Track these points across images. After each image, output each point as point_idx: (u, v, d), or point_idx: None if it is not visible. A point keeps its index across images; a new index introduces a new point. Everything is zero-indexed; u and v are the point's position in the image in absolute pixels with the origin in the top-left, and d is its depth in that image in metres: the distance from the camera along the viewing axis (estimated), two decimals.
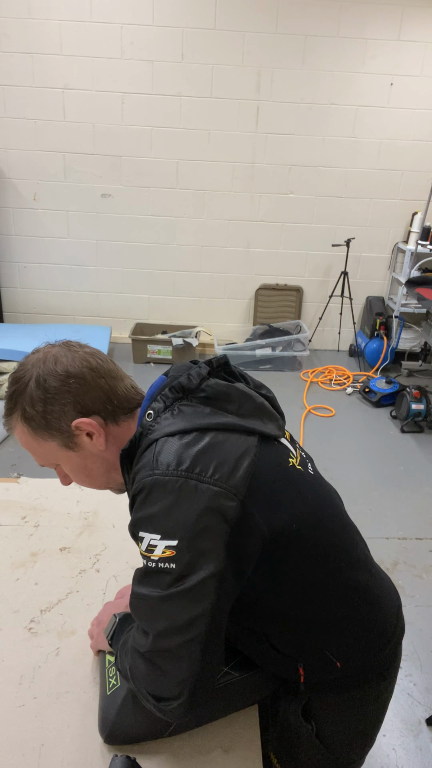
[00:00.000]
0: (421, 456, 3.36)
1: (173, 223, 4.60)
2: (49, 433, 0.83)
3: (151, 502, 0.74)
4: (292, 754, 0.97)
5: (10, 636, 1.08)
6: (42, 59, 4.12)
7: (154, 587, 0.74)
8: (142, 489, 0.75)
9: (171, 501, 0.73)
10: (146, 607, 0.76)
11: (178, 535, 0.72)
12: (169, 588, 0.73)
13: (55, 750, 0.89)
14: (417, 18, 4.04)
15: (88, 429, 0.83)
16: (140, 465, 0.78)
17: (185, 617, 0.73)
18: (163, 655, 0.75)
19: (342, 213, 4.59)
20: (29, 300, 4.86)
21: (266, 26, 4.05)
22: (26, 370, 0.83)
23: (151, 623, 0.75)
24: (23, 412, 0.83)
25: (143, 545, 0.75)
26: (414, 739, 1.72)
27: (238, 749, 0.90)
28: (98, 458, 0.87)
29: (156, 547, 0.73)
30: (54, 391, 0.81)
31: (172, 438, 0.77)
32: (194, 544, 0.72)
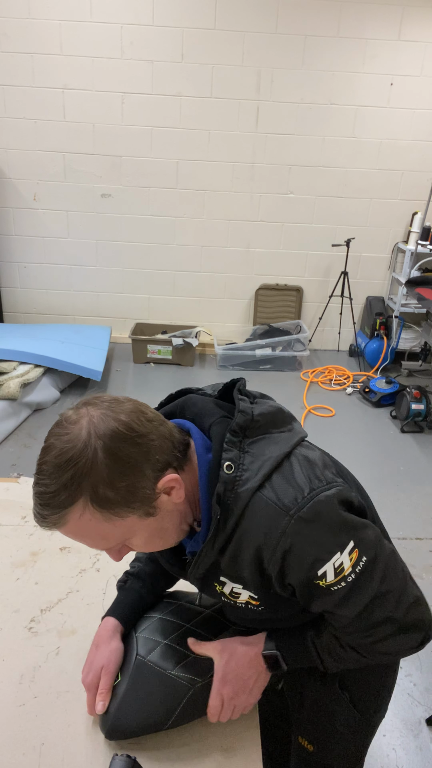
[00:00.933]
0: (421, 456, 3.36)
1: (173, 223, 4.60)
2: (130, 508, 0.71)
3: (309, 540, 0.73)
4: (327, 729, 1.01)
5: (10, 635, 1.08)
6: (42, 59, 4.12)
7: (371, 583, 0.77)
8: (291, 542, 0.73)
9: (322, 523, 0.73)
10: (379, 601, 0.78)
11: (348, 538, 0.75)
12: (377, 574, 0.78)
13: (55, 749, 0.89)
14: (417, 18, 4.04)
15: (173, 485, 0.74)
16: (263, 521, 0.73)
17: (400, 575, 0.81)
18: (412, 610, 0.81)
19: (342, 213, 4.59)
20: (29, 300, 4.86)
21: (266, 26, 4.05)
22: (81, 443, 0.67)
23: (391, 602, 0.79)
24: (95, 494, 0.68)
25: (330, 576, 0.75)
26: (414, 739, 1.72)
27: (238, 749, 0.90)
28: (174, 514, 0.78)
29: (343, 563, 0.75)
30: (133, 457, 0.69)
31: (271, 479, 0.75)
32: (356, 531, 0.76)
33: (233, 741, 0.91)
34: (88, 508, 0.69)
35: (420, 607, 0.82)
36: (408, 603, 0.81)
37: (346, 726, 1.00)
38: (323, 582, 0.75)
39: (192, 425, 0.82)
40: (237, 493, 0.74)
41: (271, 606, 0.85)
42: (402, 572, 0.82)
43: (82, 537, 0.72)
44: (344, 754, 1.04)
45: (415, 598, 0.82)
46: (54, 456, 0.68)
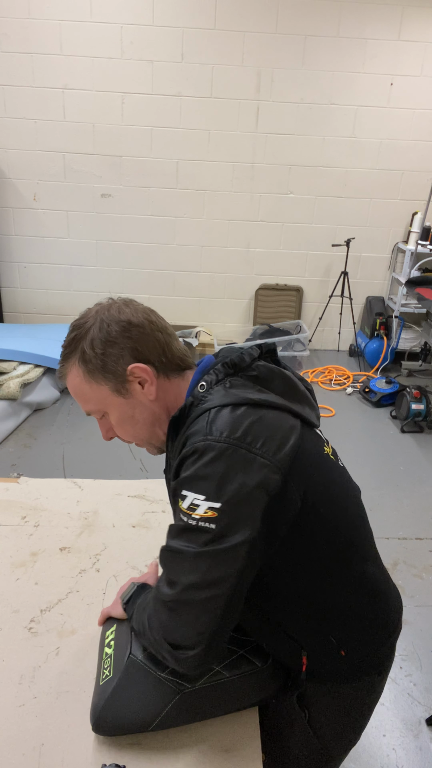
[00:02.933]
0: (421, 456, 3.36)
1: (173, 223, 4.60)
2: (103, 375, 0.86)
3: (201, 465, 0.77)
4: (281, 744, 0.99)
5: (10, 636, 1.08)
6: (42, 59, 4.12)
7: (191, 543, 0.78)
8: (194, 452, 0.78)
9: (220, 466, 0.76)
10: (179, 560, 0.79)
11: (222, 499, 0.76)
12: (206, 546, 0.77)
13: (55, 750, 0.89)
14: (417, 18, 4.04)
15: (142, 375, 0.86)
16: (193, 430, 0.81)
17: (215, 575, 0.77)
18: (187, 606, 0.78)
19: (342, 213, 4.59)
20: (29, 300, 4.86)
21: (266, 26, 4.05)
22: (89, 317, 0.88)
23: (181, 575, 0.78)
24: (82, 354, 0.86)
25: (185, 503, 0.78)
26: (414, 739, 1.72)
27: (238, 749, 0.90)
28: (146, 409, 0.90)
29: (198, 507, 0.77)
30: (115, 335, 0.86)
31: (225, 408, 0.80)
32: (236, 510, 0.76)
33: (233, 741, 0.91)
34: (76, 363, 0.87)
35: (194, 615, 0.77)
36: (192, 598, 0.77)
37: (299, 746, 0.97)
38: (181, 503, 0.79)
39: (208, 358, 0.93)
40: (198, 408, 0.83)
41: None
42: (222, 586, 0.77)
43: (74, 392, 0.90)
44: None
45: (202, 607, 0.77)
46: (74, 322, 0.90)
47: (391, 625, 0.96)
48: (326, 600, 0.89)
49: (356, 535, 0.91)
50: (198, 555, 0.77)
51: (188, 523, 0.77)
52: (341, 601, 0.89)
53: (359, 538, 0.92)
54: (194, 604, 0.77)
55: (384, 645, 0.95)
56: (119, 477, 2.42)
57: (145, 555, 1.30)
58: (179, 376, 0.91)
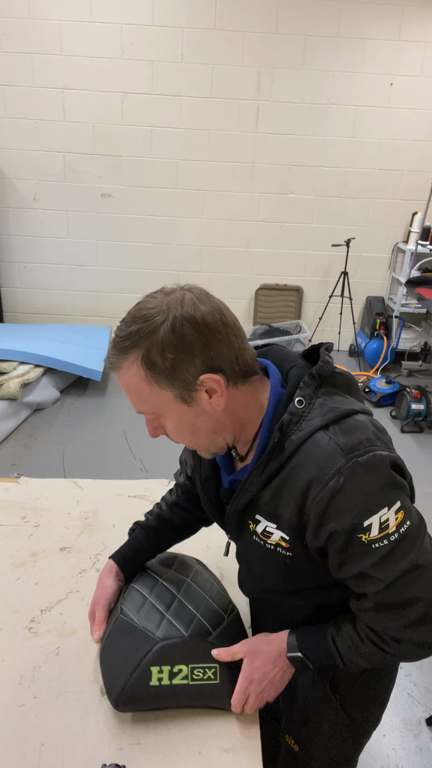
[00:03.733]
0: (421, 456, 3.36)
1: (173, 223, 4.60)
2: (169, 382, 0.77)
3: (362, 486, 0.74)
4: (314, 731, 1.01)
5: (10, 636, 1.08)
6: (42, 59, 4.12)
7: (407, 554, 0.76)
8: (344, 482, 0.73)
9: (377, 474, 0.75)
10: (412, 575, 0.76)
11: (397, 497, 0.75)
12: (418, 540, 0.77)
13: (55, 750, 0.89)
14: (417, 18, 4.04)
15: (213, 386, 0.78)
16: (321, 457, 0.75)
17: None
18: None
19: (342, 213, 4.59)
20: (29, 300, 4.86)
21: (266, 26, 4.05)
22: (160, 309, 0.76)
23: (423, 580, 0.77)
24: (147, 354, 0.76)
25: (375, 530, 0.74)
26: (414, 739, 1.72)
27: (238, 749, 0.90)
28: (210, 418, 0.81)
29: (389, 520, 0.74)
30: (189, 339, 0.75)
31: (341, 422, 0.78)
32: (405, 497, 0.77)
33: (233, 741, 0.91)
34: (137, 362, 0.77)
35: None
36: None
37: (333, 729, 0.99)
38: (366, 536, 0.74)
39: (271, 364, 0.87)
40: (301, 427, 0.78)
41: (297, 556, 0.83)
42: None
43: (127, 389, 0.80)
44: (329, 759, 1.03)
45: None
46: (136, 310, 0.79)
47: None
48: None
49: None
50: (421, 553, 0.77)
51: (392, 540, 0.75)
52: None
53: None
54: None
55: None
56: (119, 477, 2.42)
57: None
58: (246, 383, 0.83)
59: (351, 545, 0.75)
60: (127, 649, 0.96)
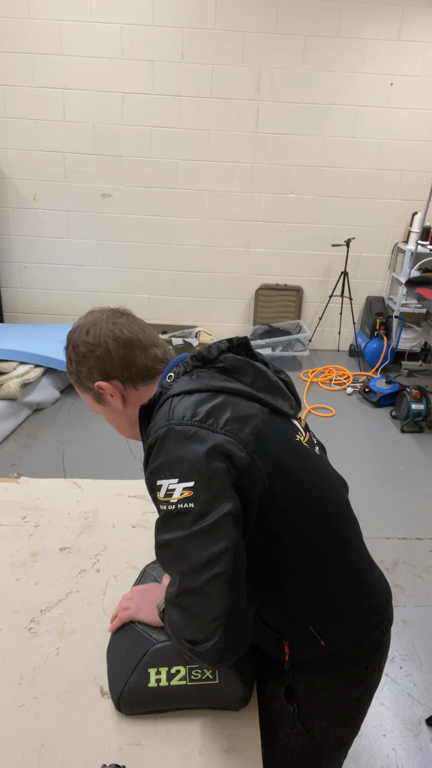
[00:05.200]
0: (421, 456, 3.36)
1: (173, 223, 4.60)
2: (82, 388, 0.99)
3: (166, 450, 0.80)
4: (274, 739, 0.99)
5: (10, 636, 1.08)
6: (42, 59, 4.12)
7: (177, 529, 0.79)
8: (156, 439, 0.81)
9: (185, 447, 0.79)
10: (171, 551, 0.80)
11: (194, 477, 0.78)
12: (191, 527, 0.77)
13: (55, 750, 0.89)
14: (417, 18, 4.04)
15: (107, 390, 0.95)
16: (156, 419, 0.86)
17: (207, 554, 0.77)
18: (192, 595, 0.78)
19: (342, 213, 4.59)
20: (29, 300, 4.86)
21: (266, 26, 4.05)
22: (71, 333, 0.98)
23: (177, 565, 0.79)
24: (68, 366, 0.99)
25: (161, 492, 0.80)
26: (414, 739, 1.72)
27: (238, 749, 0.90)
28: (122, 414, 0.99)
29: (174, 491, 0.78)
30: (82, 356, 0.95)
31: (187, 395, 0.85)
32: (210, 484, 0.78)
33: (233, 741, 0.91)
34: (67, 372, 1.01)
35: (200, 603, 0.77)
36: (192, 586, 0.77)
37: (289, 739, 0.98)
38: (158, 494, 0.81)
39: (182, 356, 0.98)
40: (164, 396, 0.88)
41: None
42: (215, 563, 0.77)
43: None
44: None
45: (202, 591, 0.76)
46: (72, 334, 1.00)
47: (375, 617, 0.95)
48: (304, 586, 0.89)
49: (333, 521, 0.91)
50: (187, 538, 0.77)
51: (168, 509, 0.79)
52: (319, 588, 0.90)
53: (337, 525, 0.92)
54: (197, 590, 0.77)
55: (368, 637, 0.94)
56: (119, 477, 2.42)
57: (145, 555, 1.30)
58: (148, 383, 0.96)
59: (153, 496, 0.83)
60: (126, 651, 0.97)
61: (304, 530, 0.87)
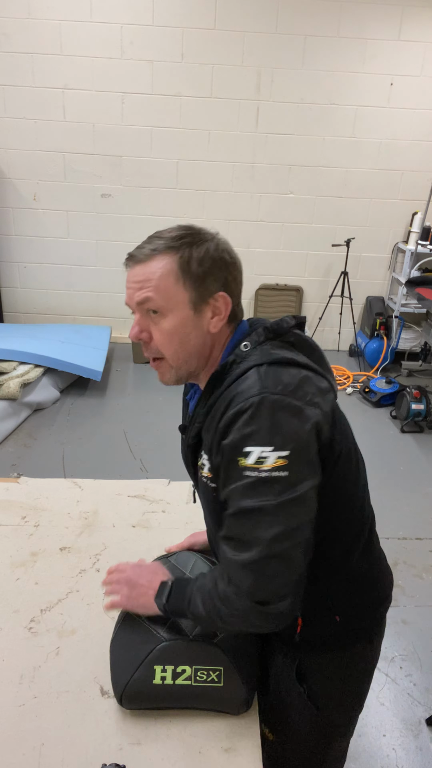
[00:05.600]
0: (421, 456, 3.36)
1: (173, 223, 4.58)
2: (194, 285, 0.87)
3: (261, 418, 0.79)
4: (284, 720, 1.02)
5: (10, 636, 1.08)
6: (42, 59, 4.12)
7: (266, 496, 0.79)
8: (249, 406, 0.79)
9: (281, 417, 0.79)
10: (257, 517, 0.79)
11: (288, 447, 0.78)
12: (282, 495, 0.79)
13: (55, 750, 0.89)
14: (417, 18, 4.04)
15: (221, 307, 0.89)
16: (243, 386, 0.82)
17: (295, 522, 0.80)
18: (275, 559, 0.80)
19: (342, 213, 4.59)
20: (29, 300, 4.86)
21: (266, 26, 4.05)
22: (206, 232, 0.91)
23: (263, 531, 0.79)
24: (188, 255, 0.87)
25: (251, 458, 0.79)
26: (414, 739, 1.72)
27: (238, 749, 0.90)
28: (201, 335, 0.90)
29: (267, 458, 0.78)
30: (226, 262, 0.89)
31: (274, 365, 0.83)
32: (302, 456, 0.79)
33: (233, 741, 0.91)
34: (172, 260, 0.87)
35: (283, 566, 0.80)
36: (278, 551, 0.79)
37: (301, 719, 1.01)
38: (242, 461, 0.79)
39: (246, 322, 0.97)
40: (239, 366, 0.86)
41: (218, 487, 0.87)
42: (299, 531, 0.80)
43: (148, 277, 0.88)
44: (301, 750, 1.04)
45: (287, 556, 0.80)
46: (184, 225, 0.94)
47: (383, 595, 1.01)
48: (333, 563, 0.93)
49: (366, 503, 0.98)
50: (279, 506, 0.78)
51: (259, 476, 0.79)
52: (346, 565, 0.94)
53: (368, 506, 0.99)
54: (282, 555, 0.79)
55: (378, 610, 1.01)
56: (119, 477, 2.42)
57: (145, 555, 1.30)
58: (230, 326, 0.93)
59: (231, 464, 0.81)
60: (133, 646, 0.97)
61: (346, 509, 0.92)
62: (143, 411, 3.73)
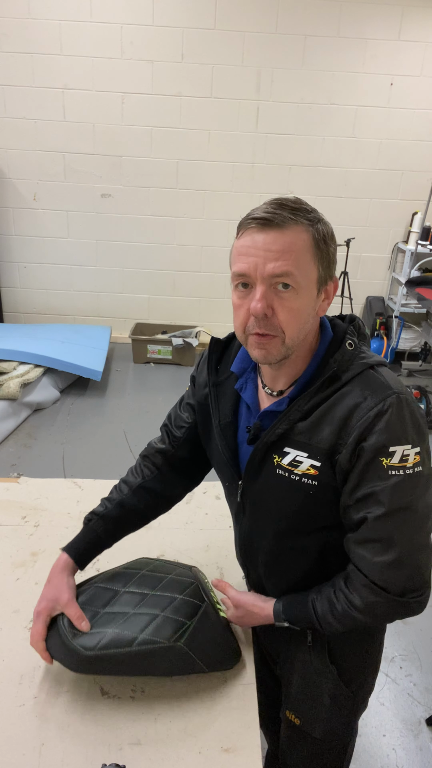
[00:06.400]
0: None
1: (173, 223, 4.60)
2: (324, 264, 0.85)
3: (400, 418, 0.81)
4: (314, 703, 1.04)
5: (10, 636, 1.08)
6: (42, 59, 4.12)
7: (411, 493, 0.82)
8: (389, 407, 0.81)
9: (412, 415, 0.83)
10: (405, 515, 0.82)
11: (420, 443, 0.83)
12: (424, 489, 0.83)
13: (55, 750, 0.89)
14: (417, 18, 4.04)
15: (332, 292, 0.89)
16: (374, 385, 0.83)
17: (429, 512, 0.85)
18: (422, 551, 0.84)
19: (342, 213, 4.59)
20: (29, 300, 4.86)
21: (266, 26, 4.05)
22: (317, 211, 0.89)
23: (411, 526, 0.83)
24: (318, 234, 0.84)
25: (395, 458, 0.81)
26: (414, 739, 1.72)
27: (238, 749, 0.90)
28: (314, 317, 0.88)
29: (409, 456, 0.81)
30: (335, 245, 0.89)
31: (384, 367, 0.88)
32: (427, 447, 0.84)
33: (233, 741, 0.91)
34: (309, 234, 0.83)
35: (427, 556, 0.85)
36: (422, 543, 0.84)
37: (333, 699, 1.03)
38: (387, 461, 0.81)
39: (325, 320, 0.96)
40: (355, 364, 0.86)
41: (322, 485, 0.87)
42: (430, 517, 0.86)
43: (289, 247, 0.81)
44: (330, 728, 1.06)
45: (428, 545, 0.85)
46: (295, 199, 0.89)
47: None
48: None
49: None
50: (422, 500, 0.83)
51: (405, 474, 0.81)
52: None
53: None
54: (427, 545, 0.84)
55: None
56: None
57: (145, 555, 1.30)
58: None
59: (372, 465, 0.81)
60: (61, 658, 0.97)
61: None
62: (143, 411, 3.73)
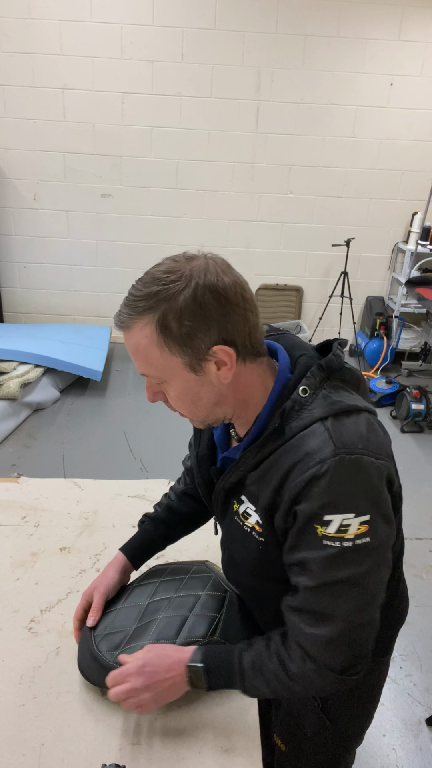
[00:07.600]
0: (421, 456, 3.36)
1: (173, 223, 4.60)
2: (181, 349, 0.75)
3: (340, 483, 0.72)
4: (297, 732, 1.01)
5: (10, 636, 1.08)
6: (42, 59, 4.12)
7: (349, 568, 0.74)
8: (326, 471, 0.72)
9: (359, 479, 0.73)
10: (341, 589, 0.75)
11: (369, 510, 0.73)
12: (366, 563, 0.75)
13: (55, 750, 0.89)
14: (417, 18, 4.04)
15: (224, 358, 0.76)
16: (313, 445, 0.74)
17: (378, 586, 0.77)
18: (360, 628, 0.77)
19: (342, 213, 4.59)
20: (29, 300, 4.86)
21: (266, 26, 4.05)
22: (182, 274, 0.74)
23: (348, 602, 0.76)
24: (163, 318, 0.74)
25: (331, 528, 0.73)
26: (414, 739, 1.72)
27: (238, 749, 0.90)
28: (214, 390, 0.80)
29: (350, 526, 0.73)
30: (209, 309, 0.74)
31: (341, 417, 0.75)
32: (382, 516, 0.75)
33: (233, 741, 0.91)
34: (151, 324, 0.74)
35: (368, 632, 0.79)
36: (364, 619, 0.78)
37: (315, 732, 0.99)
38: (321, 529, 0.73)
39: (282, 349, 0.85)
40: (300, 416, 0.77)
41: (268, 543, 0.83)
42: (380, 591, 0.79)
43: (135, 349, 0.78)
44: (314, 762, 1.03)
45: (372, 620, 0.79)
46: (156, 271, 0.77)
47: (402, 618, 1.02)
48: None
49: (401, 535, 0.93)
50: (363, 575, 0.75)
51: (343, 546, 0.73)
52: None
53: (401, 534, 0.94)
54: (369, 622, 0.78)
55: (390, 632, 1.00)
56: (119, 477, 2.42)
57: None
58: (255, 362, 0.81)
59: (306, 531, 0.75)
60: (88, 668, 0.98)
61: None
62: (143, 411, 3.73)
